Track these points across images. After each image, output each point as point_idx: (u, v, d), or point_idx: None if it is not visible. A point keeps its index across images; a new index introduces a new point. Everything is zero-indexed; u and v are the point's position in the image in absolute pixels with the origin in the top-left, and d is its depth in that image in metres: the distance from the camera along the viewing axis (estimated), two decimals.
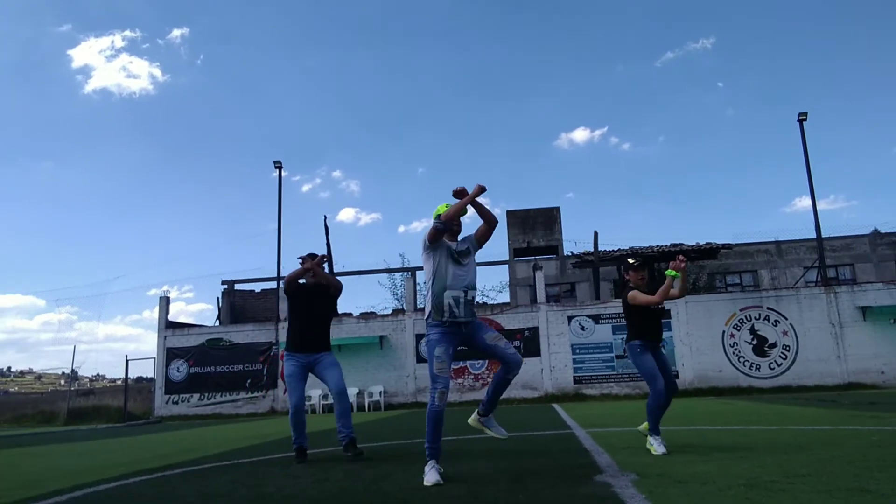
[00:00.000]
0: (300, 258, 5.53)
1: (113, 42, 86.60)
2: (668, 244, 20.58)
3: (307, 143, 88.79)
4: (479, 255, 4.33)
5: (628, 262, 5.16)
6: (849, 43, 74.27)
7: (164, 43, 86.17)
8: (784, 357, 18.96)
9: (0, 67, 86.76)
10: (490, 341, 4.07)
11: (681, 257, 4.96)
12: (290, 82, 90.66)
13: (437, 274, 3.99)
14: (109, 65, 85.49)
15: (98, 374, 57.51)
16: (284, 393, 20.32)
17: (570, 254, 25.15)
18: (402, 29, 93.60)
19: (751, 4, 77.44)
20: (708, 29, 78.19)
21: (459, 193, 4.04)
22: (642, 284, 5.07)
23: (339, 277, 24.73)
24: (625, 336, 20.15)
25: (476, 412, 4.37)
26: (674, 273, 4.96)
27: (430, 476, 3.71)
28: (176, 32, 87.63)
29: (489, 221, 4.10)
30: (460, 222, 4.11)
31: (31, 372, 68.38)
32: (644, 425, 5.01)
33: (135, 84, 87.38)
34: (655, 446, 4.66)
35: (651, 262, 22.12)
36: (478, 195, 4.01)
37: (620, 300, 5.26)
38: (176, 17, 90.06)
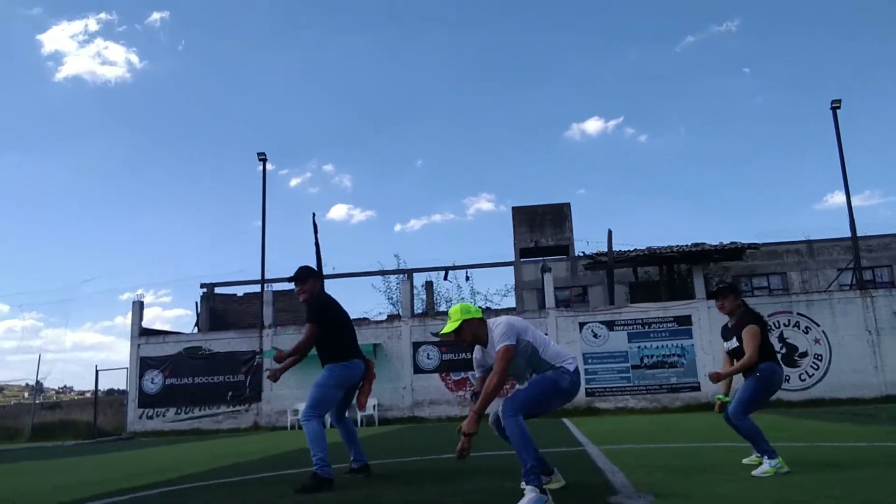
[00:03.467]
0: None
1: (87, 26, 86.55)
2: (690, 244, 20.58)
3: (296, 135, 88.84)
4: (483, 257, 4.36)
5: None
6: (887, 24, 74.26)
7: (141, 28, 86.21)
8: (816, 367, 18.96)
9: None
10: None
11: (712, 372, 4.86)
12: (277, 69, 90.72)
13: None
14: (83, 50, 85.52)
15: (65, 386, 57.41)
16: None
17: (581, 254, 25.13)
18: (399, 12, 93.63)
19: None
20: (732, 10, 78.16)
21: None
22: (723, 312, 5.05)
23: (328, 280, 24.81)
24: (641, 345, 19.95)
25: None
26: (722, 398, 4.94)
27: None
28: (155, 16, 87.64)
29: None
30: (465, 336, 4.04)
31: None
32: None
33: (110, 71, 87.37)
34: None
35: (672, 265, 22.13)
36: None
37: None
38: (155, 0, 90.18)
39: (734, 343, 4.87)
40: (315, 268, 5.44)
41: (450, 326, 4.01)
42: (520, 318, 4.08)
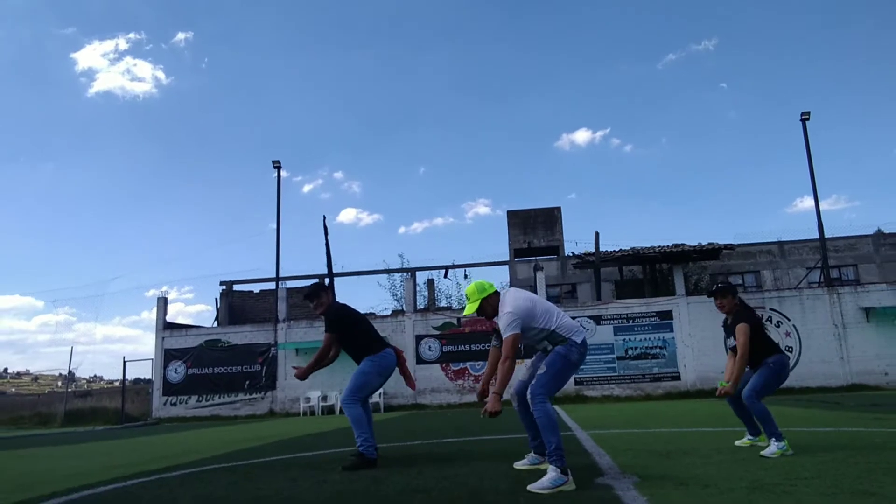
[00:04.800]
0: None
1: (117, 45, 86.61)
2: (671, 244, 20.57)
3: (309, 144, 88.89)
4: (480, 256, 4.37)
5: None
6: (852, 42, 74.31)
7: (167, 47, 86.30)
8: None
9: (3, 69, 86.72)
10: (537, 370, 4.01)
11: (727, 390, 4.80)
12: (292, 84, 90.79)
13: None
14: (113, 67, 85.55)
15: (95, 376, 57.46)
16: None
17: (571, 254, 25.15)
18: (404, 29, 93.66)
19: (753, 5, 77.50)
20: (711, 30, 78.24)
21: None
22: (726, 311, 5.02)
23: (338, 278, 24.76)
24: (626, 338, 19.91)
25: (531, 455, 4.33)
26: (725, 384, 4.89)
27: (521, 461, 4.32)
28: (180, 36, 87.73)
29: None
30: (487, 311, 4.05)
31: (27, 373, 68.35)
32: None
33: (138, 87, 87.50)
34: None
35: (655, 264, 22.12)
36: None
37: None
38: (180, 21, 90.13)
39: (732, 341, 4.87)
40: (326, 271, 5.45)
41: (470, 308, 4.05)
42: (526, 294, 4.03)
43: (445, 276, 25.66)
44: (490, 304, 4.04)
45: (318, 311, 5.25)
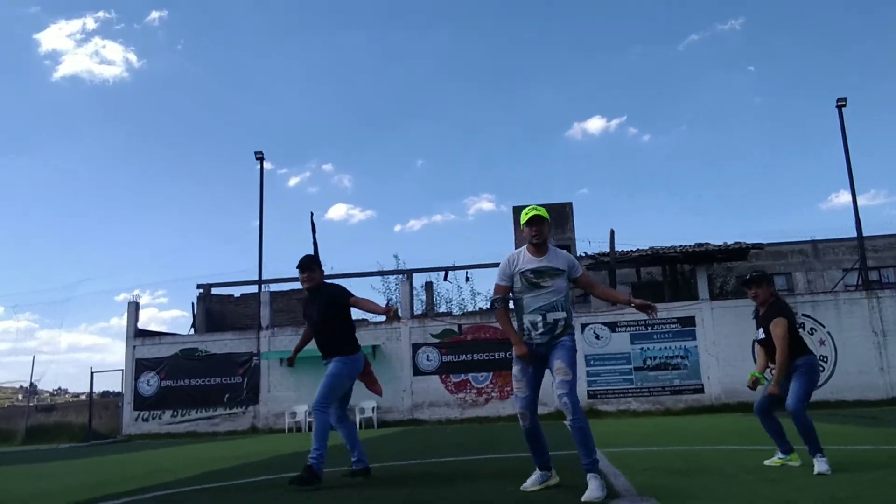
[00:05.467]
0: None
1: (84, 24, 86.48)
2: (693, 244, 20.56)
3: (296, 134, 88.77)
4: (483, 257, 4.40)
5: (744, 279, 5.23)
6: (892, 22, 74.27)
7: (140, 27, 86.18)
8: (821, 369, 18.94)
9: None
10: (553, 370, 4.12)
11: (751, 381, 4.96)
12: (276, 69, 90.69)
13: (516, 297, 4.28)
14: (80, 49, 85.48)
15: (60, 388, 57.35)
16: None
17: (583, 254, 25.11)
18: (400, 10, 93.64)
19: None
20: (737, 8, 78.04)
21: None
22: (756, 301, 5.05)
23: (326, 280, 24.68)
24: (644, 346, 19.92)
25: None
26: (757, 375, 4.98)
27: (528, 481, 4.31)
28: (154, 15, 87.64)
29: (603, 297, 4.60)
30: (541, 230, 4.23)
31: None
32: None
33: (108, 70, 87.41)
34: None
35: (676, 265, 22.12)
36: None
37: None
38: None
39: (760, 335, 4.92)
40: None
41: (546, 214, 4.27)
42: None
43: (445, 279, 25.60)
44: (548, 230, 4.32)
45: (308, 284, 5.35)
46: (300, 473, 4.85)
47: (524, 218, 4.26)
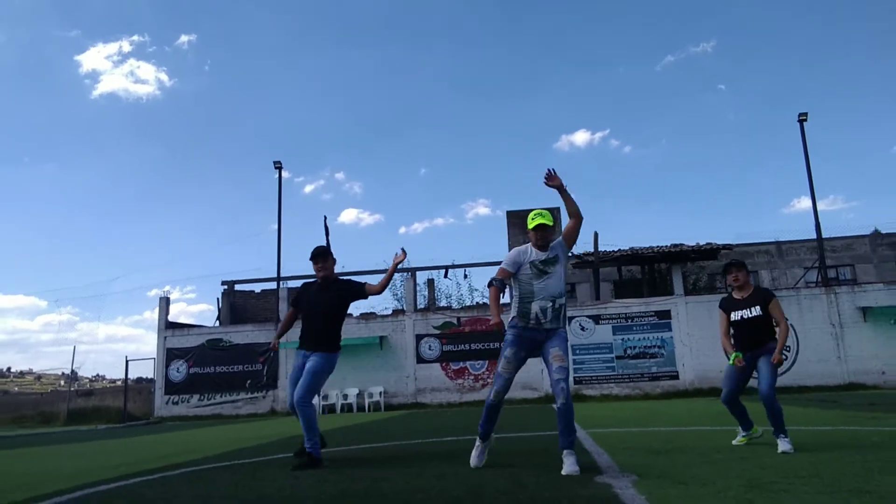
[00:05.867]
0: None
1: (121, 47, 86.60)
2: (669, 245, 20.56)
3: (311, 146, 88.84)
4: (480, 257, 4.39)
5: (724, 264, 5.24)
6: (850, 43, 74.28)
7: (171, 49, 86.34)
8: (784, 357, 18.90)
9: (7, 70, 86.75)
10: (550, 356, 4.11)
11: (777, 358, 4.81)
12: (294, 85, 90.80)
13: (523, 284, 4.22)
14: (117, 70, 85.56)
15: (98, 375, 57.41)
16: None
17: (570, 254, 25.15)
18: (405, 30, 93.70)
19: (751, 6, 77.43)
20: (709, 32, 78.13)
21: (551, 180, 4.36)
22: (737, 284, 5.01)
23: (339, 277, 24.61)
24: (625, 337, 19.88)
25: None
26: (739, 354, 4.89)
27: (472, 458, 4.26)
28: (183, 38, 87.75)
29: (573, 215, 4.30)
30: (544, 235, 4.25)
31: (30, 372, 68.37)
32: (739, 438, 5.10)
33: (142, 89, 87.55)
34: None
35: (653, 264, 22.11)
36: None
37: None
38: (183, 23, 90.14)
39: (754, 312, 4.84)
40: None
41: (550, 220, 4.28)
42: None
43: (445, 276, 25.62)
44: (552, 234, 4.30)
45: (322, 273, 5.16)
46: (303, 460, 4.78)
47: (531, 224, 4.26)
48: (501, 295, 4.27)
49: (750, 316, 4.86)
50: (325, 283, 5.20)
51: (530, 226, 4.25)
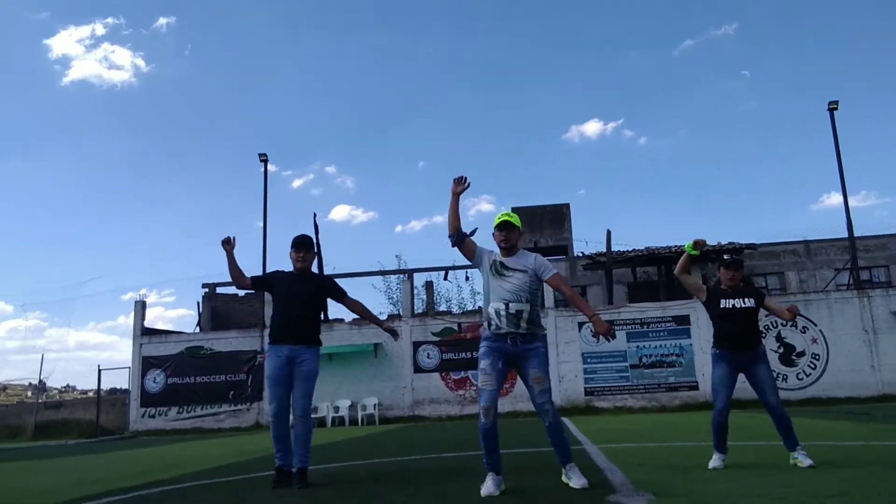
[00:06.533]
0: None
1: (94, 30, 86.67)
2: None
3: (300, 137, 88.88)
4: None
5: (723, 258, 5.03)
6: (883, 27, 74.28)
7: (148, 32, 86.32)
8: (813, 367, 18.95)
9: None
10: (529, 379, 4.10)
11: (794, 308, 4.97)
12: (281, 73, 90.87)
13: (484, 286, 4.31)
14: (90, 55, 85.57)
15: (68, 385, 57.46)
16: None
17: (580, 254, 25.15)
18: (401, 14, 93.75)
19: None
20: (731, 14, 78.05)
21: None
22: (730, 285, 4.85)
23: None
24: (640, 344, 19.90)
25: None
26: (689, 247, 4.70)
27: (484, 487, 3.95)
28: (162, 21, 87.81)
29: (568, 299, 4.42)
30: (509, 236, 4.22)
31: None
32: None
33: (116, 75, 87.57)
34: (711, 460, 4.76)
35: (671, 265, 22.12)
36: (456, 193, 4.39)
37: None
38: (161, 5, 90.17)
39: (748, 303, 4.75)
40: (315, 272, 5.34)
41: (517, 221, 4.27)
42: None
43: (445, 278, 25.64)
44: (518, 237, 4.29)
45: (301, 265, 5.09)
46: (303, 480, 4.68)
47: (495, 222, 4.27)
48: (477, 298, 4.38)
49: (743, 306, 4.73)
50: (302, 275, 5.14)
51: (495, 223, 4.27)
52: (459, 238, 4.28)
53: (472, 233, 4.37)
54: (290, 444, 4.82)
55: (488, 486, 3.91)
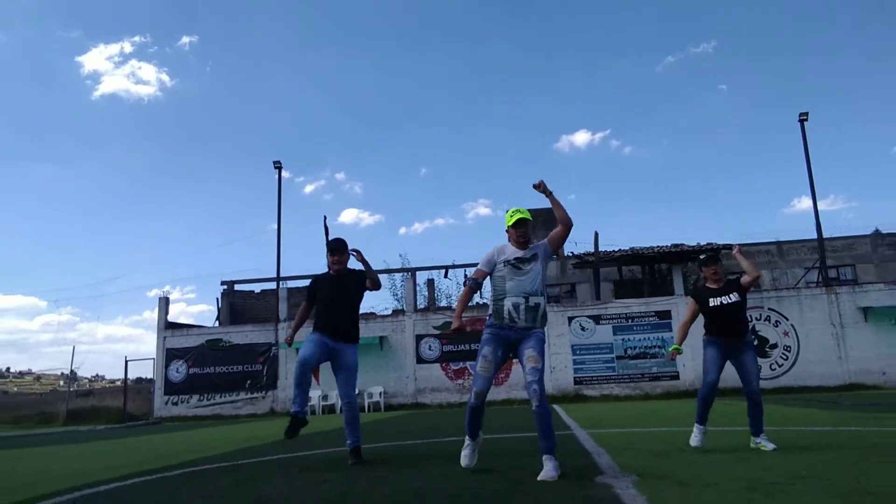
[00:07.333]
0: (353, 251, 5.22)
1: (122, 48, 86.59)
2: (669, 245, 20.56)
3: (312, 146, 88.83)
4: (479, 256, 4.35)
5: (700, 258, 5.25)
6: (850, 43, 74.28)
7: (172, 50, 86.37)
8: (785, 358, 18.94)
9: (8, 71, 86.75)
10: (524, 358, 4.00)
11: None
12: (295, 86, 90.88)
13: (497, 282, 4.13)
14: (118, 70, 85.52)
15: (97, 375, 57.43)
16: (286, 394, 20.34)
17: (570, 254, 25.11)
18: (405, 30, 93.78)
19: (752, 6, 77.39)
20: (709, 32, 78.05)
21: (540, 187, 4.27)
22: (715, 279, 5.07)
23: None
24: (625, 337, 19.88)
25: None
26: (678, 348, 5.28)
27: (463, 457, 4.19)
28: (185, 39, 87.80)
29: (562, 221, 4.16)
30: (525, 231, 4.18)
31: (30, 373, 68.40)
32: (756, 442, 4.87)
33: (143, 90, 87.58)
34: (692, 436, 4.97)
35: (654, 264, 22.11)
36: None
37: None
38: (185, 24, 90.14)
39: (733, 298, 4.93)
40: (326, 271, 5.33)
41: (529, 215, 4.24)
42: None
43: (446, 277, 25.64)
44: (532, 229, 4.23)
45: (338, 267, 5.12)
46: (354, 456, 4.96)
47: (510, 220, 4.20)
48: (477, 294, 4.31)
49: (730, 301, 4.94)
50: (340, 276, 5.18)
51: (509, 222, 4.19)
52: (474, 286, 4.26)
53: (476, 283, 4.24)
54: (308, 393, 5.05)
55: (465, 458, 4.17)
